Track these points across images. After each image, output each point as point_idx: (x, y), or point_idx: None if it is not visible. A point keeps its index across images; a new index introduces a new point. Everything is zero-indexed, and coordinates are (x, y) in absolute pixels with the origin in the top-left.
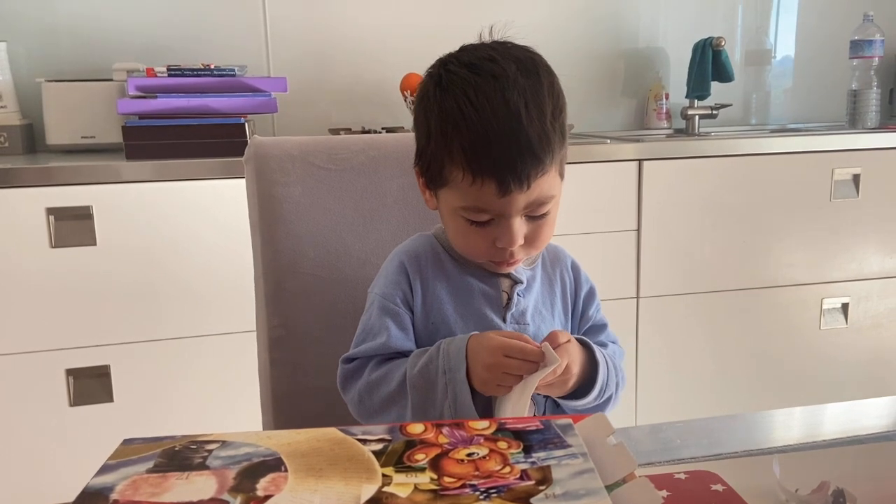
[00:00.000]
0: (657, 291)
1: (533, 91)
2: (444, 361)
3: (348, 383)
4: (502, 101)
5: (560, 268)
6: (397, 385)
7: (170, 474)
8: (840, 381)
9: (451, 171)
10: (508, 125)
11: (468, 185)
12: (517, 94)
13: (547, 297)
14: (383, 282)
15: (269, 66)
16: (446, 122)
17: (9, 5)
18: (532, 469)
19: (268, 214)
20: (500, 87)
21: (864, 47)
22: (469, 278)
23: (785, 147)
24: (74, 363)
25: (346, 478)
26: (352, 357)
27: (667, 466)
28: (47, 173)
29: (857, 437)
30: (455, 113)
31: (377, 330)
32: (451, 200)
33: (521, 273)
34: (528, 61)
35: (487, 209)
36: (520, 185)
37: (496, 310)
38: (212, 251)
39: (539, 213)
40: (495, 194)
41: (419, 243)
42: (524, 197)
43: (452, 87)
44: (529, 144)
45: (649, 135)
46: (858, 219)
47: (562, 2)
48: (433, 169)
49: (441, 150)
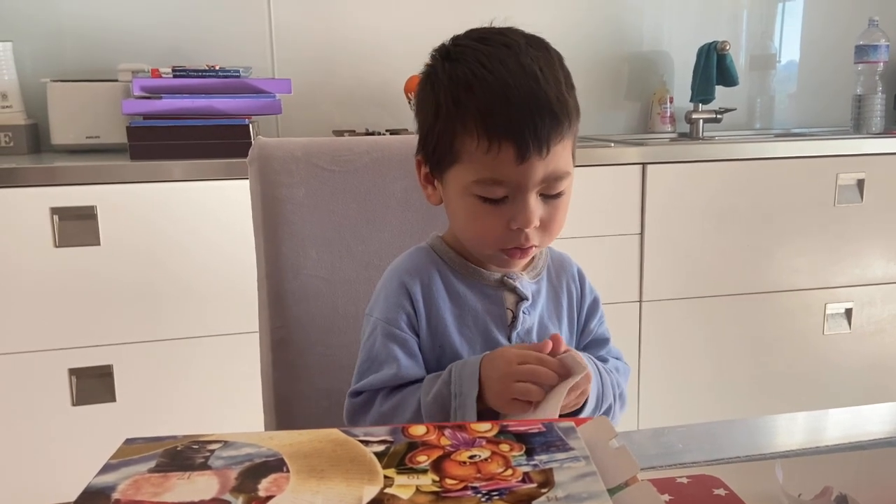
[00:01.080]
0: (660, 295)
1: (546, 60)
2: (456, 385)
3: (357, 418)
4: (518, 64)
5: (566, 277)
6: (412, 415)
7: (171, 474)
8: (843, 386)
9: (463, 142)
10: (527, 84)
11: (483, 152)
12: (531, 60)
13: (553, 311)
14: (384, 305)
15: (273, 67)
16: (458, 88)
17: (14, 5)
18: (534, 472)
19: (271, 215)
20: (513, 53)
21: (869, 52)
22: (472, 296)
23: (789, 152)
24: (77, 363)
25: (348, 479)
26: (359, 390)
27: (669, 470)
28: (52, 173)
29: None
30: (468, 77)
31: (384, 359)
32: (462, 178)
33: (526, 288)
34: (536, 38)
35: (504, 180)
36: (539, 149)
37: (501, 328)
38: (215, 252)
39: (555, 190)
40: (513, 160)
41: (417, 259)
42: (542, 166)
43: (463, 57)
44: (549, 104)
45: (653, 138)
46: (862, 224)
47: (566, 5)
48: (442, 146)
49: (453, 120)
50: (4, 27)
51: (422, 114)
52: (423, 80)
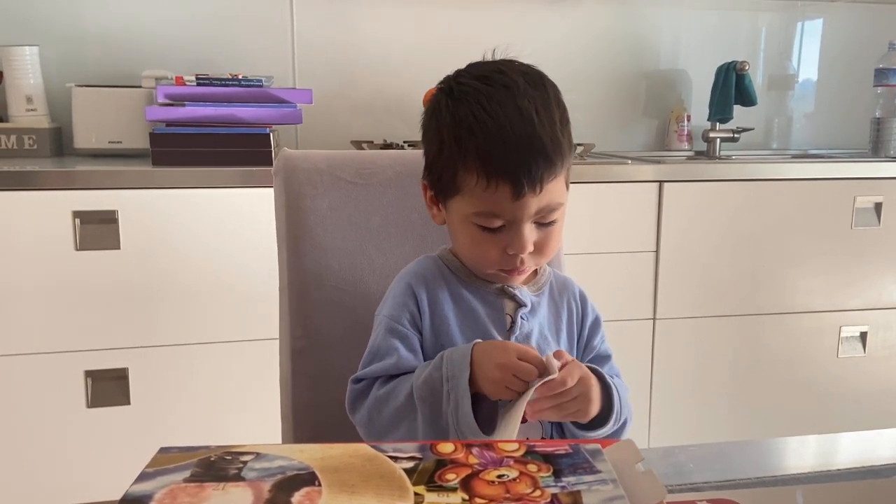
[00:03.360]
0: (674, 314)
1: (542, 100)
2: (448, 368)
3: (357, 403)
4: (515, 108)
5: (567, 296)
6: (405, 398)
7: (206, 484)
8: (857, 409)
9: (464, 178)
10: (523, 129)
11: (482, 189)
12: (528, 102)
13: (553, 324)
14: (390, 304)
15: (294, 77)
16: (460, 129)
17: (41, 11)
18: (562, 493)
19: (295, 226)
20: (511, 95)
21: (888, 76)
22: (474, 301)
23: (806, 173)
24: (93, 365)
25: (379, 495)
26: (360, 378)
27: (688, 494)
28: (74, 177)
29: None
30: (469, 119)
31: (385, 351)
32: (462, 208)
33: (525, 296)
34: (534, 75)
35: (500, 214)
36: (533, 188)
37: (501, 332)
38: (233, 259)
39: (548, 219)
40: (509, 198)
41: (424, 265)
42: (536, 201)
43: (465, 97)
44: (543, 148)
45: (670, 156)
46: (879, 247)
47: (583, 21)
48: (445, 178)
49: (454, 157)
50: (31, 32)
51: (427, 144)
52: (428, 113)
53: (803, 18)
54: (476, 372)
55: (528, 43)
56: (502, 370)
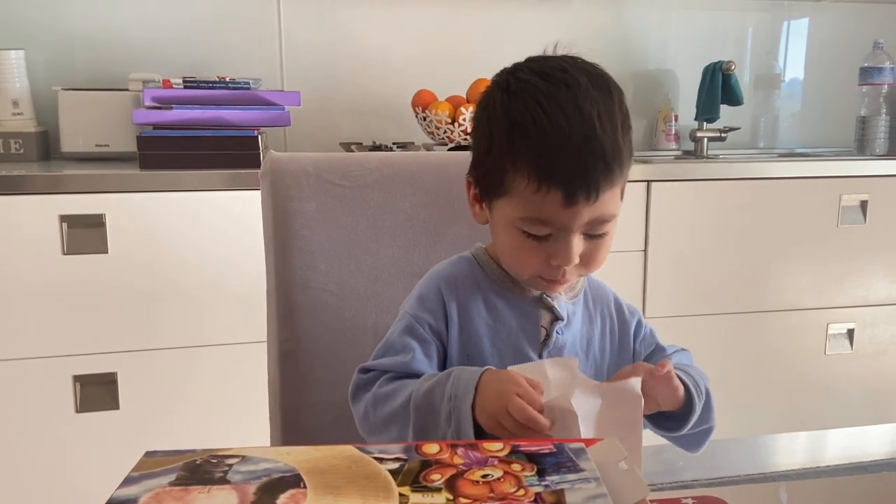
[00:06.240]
0: (663, 312)
1: (605, 103)
2: (452, 388)
3: (359, 393)
4: (575, 109)
5: (602, 305)
6: (402, 403)
7: (192, 488)
8: (844, 406)
9: (513, 179)
10: (582, 132)
11: (532, 192)
12: (590, 104)
13: (585, 335)
14: (416, 304)
15: (282, 79)
16: (514, 128)
17: (27, 14)
18: (546, 492)
19: (281, 229)
20: (572, 95)
21: (873, 74)
22: (507, 311)
23: (793, 172)
24: (82, 370)
25: (364, 496)
26: (369, 368)
27: (674, 491)
28: (61, 181)
29: (861, 464)
30: (525, 117)
31: (401, 348)
32: (509, 212)
33: (562, 308)
34: (598, 76)
35: (549, 221)
36: (587, 196)
37: (534, 345)
38: (221, 262)
39: (599, 231)
40: (561, 204)
41: (459, 268)
42: (589, 211)
43: (522, 94)
44: (603, 153)
45: (658, 156)
46: (865, 245)
47: (571, 23)
48: (493, 177)
49: (505, 156)
50: (17, 35)
51: (476, 140)
52: (480, 106)
53: (789, 18)
54: (477, 399)
55: (515, 44)
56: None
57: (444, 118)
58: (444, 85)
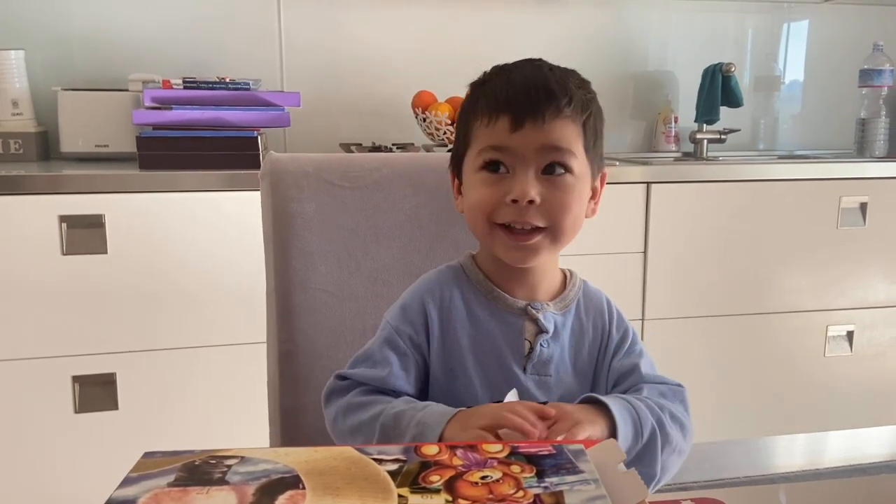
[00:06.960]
0: (662, 314)
1: (566, 71)
2: (424, 415)
3: (332, 398)
4: (534, 68)
5: (594, 314)
6: (370, 417)
7: (190, 488)
8: (843, 408)
9: (473, 126)
10: (533, 74)
11: (485, 126)
12: (549, 69)
13: (574, 345)
14: (399, 315)
15: (282, 80)
16: (475, 87)
17: (27, 15)
18: (545, 494)
19: (281, 230)
20: (534, 63)
21: (873, 76)
22: (492, 322)
23: (792, 174)
24: (81, 370)
25: (363, 497)
26: (345, 376)
27: (673, 493)
28: (61, 181)
29: (860, 466)
30: (487, 78)
31: (379, 360)
32: (472, 160)
33: (548, 320)
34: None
35: (501, 146)
36: (533, 118)
37: (517, 358)
38: (221, 262)
39: (555, 161)
40: (509, 128)
41: (445, 278)
42: (538, 136)
43: (490, 74)
44: (547, 83)
45: (658, 158)
46: (865, 247)
47: (571, 24)
48: (460, 141)
49: (467, 112)
50: (17, 36)
51: (455, 133)
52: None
53: (789, 20)
54: (447, 430)
55: (515, 45)
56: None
57: (444, 119)
58: (444, 86)
